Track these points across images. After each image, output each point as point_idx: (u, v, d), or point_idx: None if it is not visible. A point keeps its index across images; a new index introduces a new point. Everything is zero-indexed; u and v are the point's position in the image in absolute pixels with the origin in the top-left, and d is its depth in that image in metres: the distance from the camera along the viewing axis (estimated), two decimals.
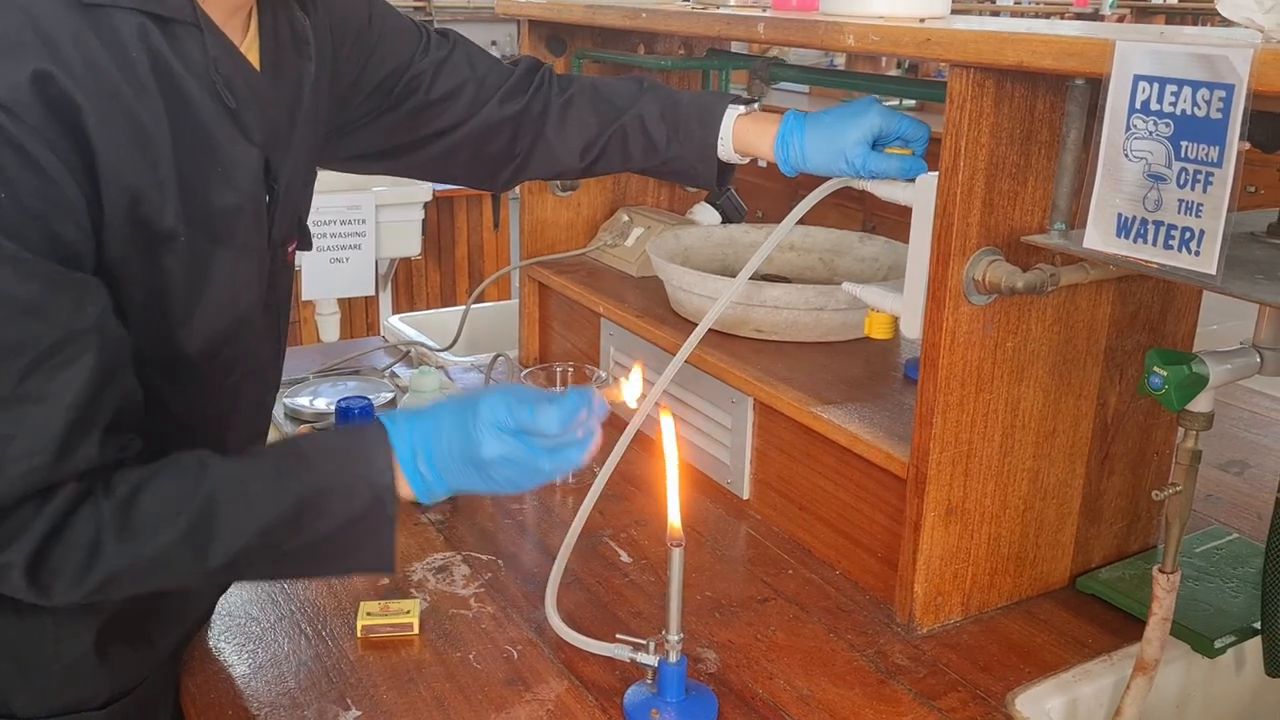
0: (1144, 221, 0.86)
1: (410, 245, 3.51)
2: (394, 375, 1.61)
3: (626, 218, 1.80)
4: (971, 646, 1.14)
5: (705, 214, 1.81)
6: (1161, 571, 1.03)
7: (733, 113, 1.23)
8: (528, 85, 1.26)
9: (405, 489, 0.91)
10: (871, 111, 1.15)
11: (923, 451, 1.10)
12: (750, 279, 1.22)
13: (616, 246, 1.78)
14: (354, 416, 1.33)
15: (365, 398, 1.37)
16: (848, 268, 1.66)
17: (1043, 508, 1.19)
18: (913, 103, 5.09)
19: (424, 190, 3.42)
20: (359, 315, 3.79)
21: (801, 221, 1.24)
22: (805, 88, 5.37)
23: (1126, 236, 0.86)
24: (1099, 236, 0.88)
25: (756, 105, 1.25)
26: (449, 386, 1.56)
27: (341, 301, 3.54)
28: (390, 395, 1.48)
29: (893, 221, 2.34)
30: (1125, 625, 1.17)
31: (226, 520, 0.85)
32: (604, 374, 1.48)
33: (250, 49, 0.94)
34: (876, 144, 1.15)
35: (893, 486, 1.18)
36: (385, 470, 0.89)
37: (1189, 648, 1.13)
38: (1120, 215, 0.86)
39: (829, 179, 1.18)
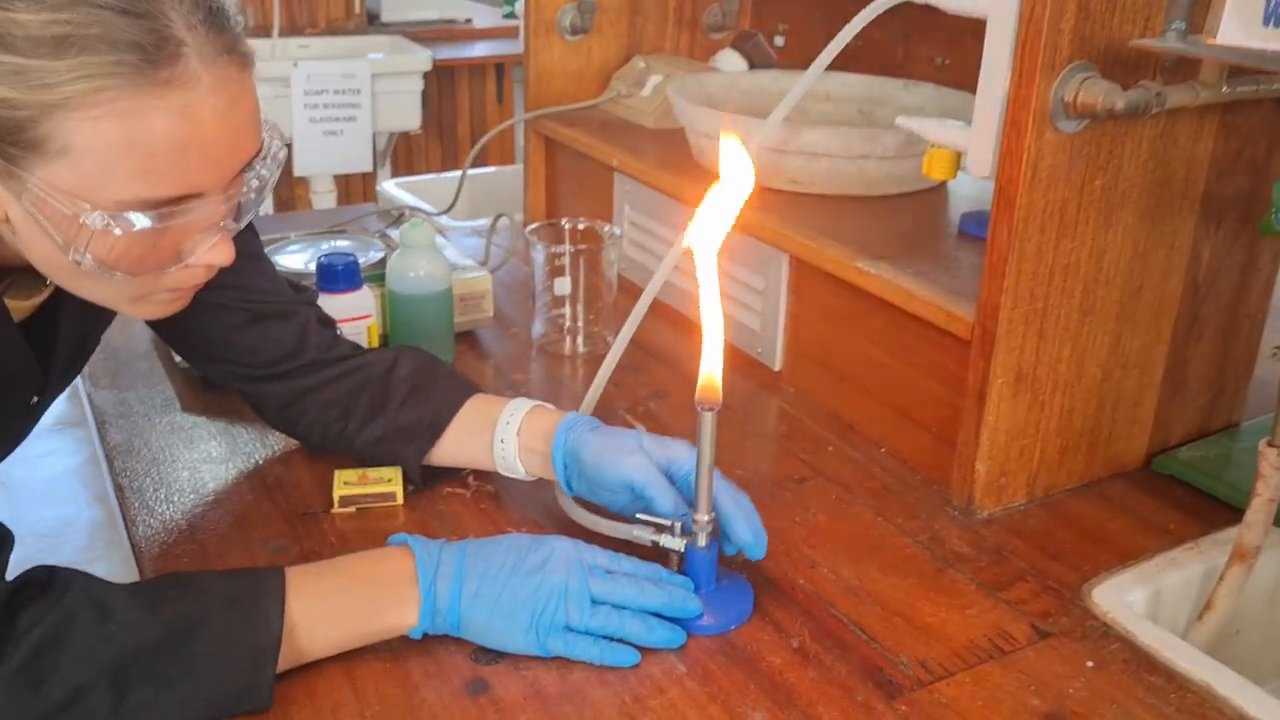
0: None
1: (409, 118, 3.32)
2: (385, 235, 1.45)
3: (643, 65, 1.62)
4: (1039, 532, 1.00)
5: (730, 61, 1.63)
6: (1271, 446, 0.89)
7: (526, 404, 0.99)
8: None
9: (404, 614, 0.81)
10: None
11: (991, 308, 0.95)
12: (785, 121, 1.06)
13: (631, 97, 1.61)
14: (337, 274, 1.18)
15: (350, 254, 1.21)
16: (890, 120, 1.48)
17: (1122, 377, 1.04)
18: None
19: (423, 59, 3.22)
20: (356, 195, 3.61)
21: (839, 67, 1.06)
22: None
23: (1279, 25, 0.69)
24: (1239, 29, 0.71)
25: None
26: (447, 247, 1.41)
27: (338, 179, 3.37)
28: (380, 254, 1.32)
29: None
30: (1209, 509, 1.03)
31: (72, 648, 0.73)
32: (618, 231, 1.32)
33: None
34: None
35: (952, 351, 1.03)
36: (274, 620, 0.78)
37: None
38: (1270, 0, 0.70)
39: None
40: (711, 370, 0.79)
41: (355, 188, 3.58)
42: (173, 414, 1.16)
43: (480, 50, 3.54)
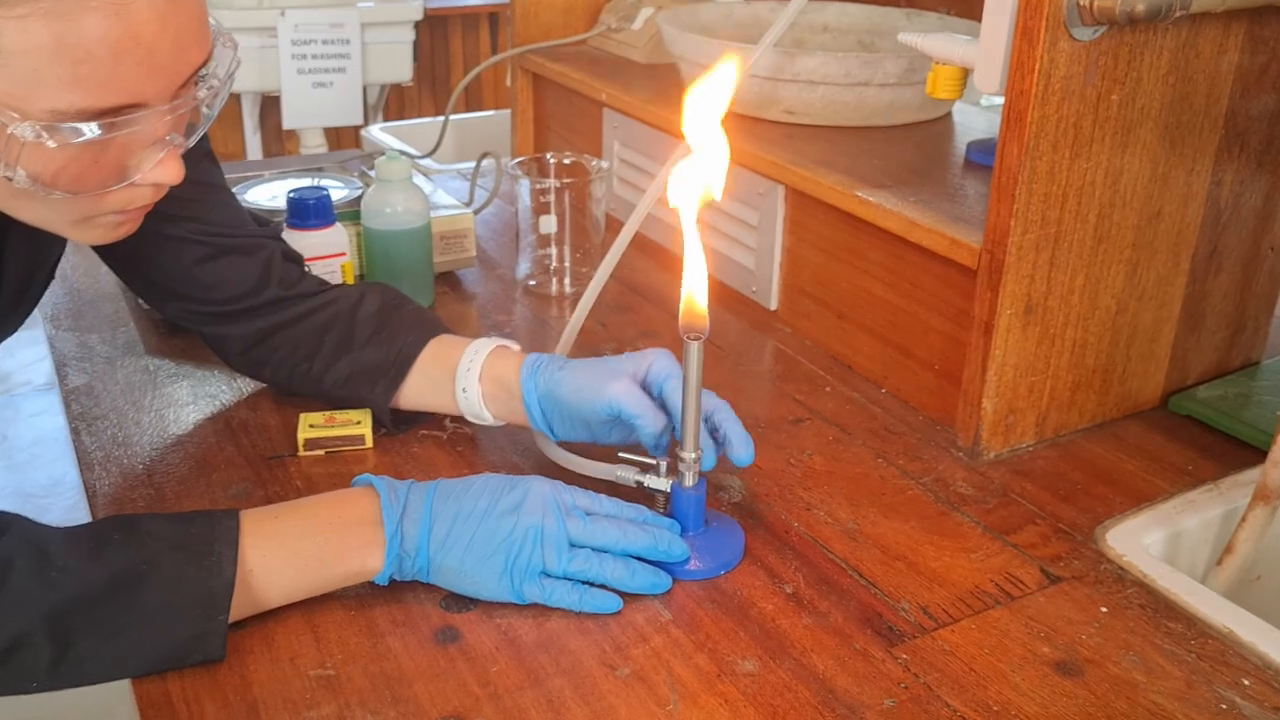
0: None
1: (401, 70, 3.24)
2: (363, 174, 1.39)
3: None
4: (1049, 473, 0.94)
5: None
6: None
7: (485, 345, 0.93)
8: None
9: (368, 558, 0.75)
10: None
11: (1000, 233, 0.89)
12: (779, 48, 0.99)
13: (622, 31, 1.54)
14: (308, 209, 1.11)
15: (322, 188, 1.15)
16: (892, 51, 1.42)
17: (1138, 310, 0.98)
18: None
19: (414, 7, 3.13)
20: (349, 148, 3.54)
21: None
22: None
23: None
24: None
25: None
26: (434, 191, 1.34)
27: (329, 132, 3.29)
28: (358, 192, 1.26)
29: None
30: (1228, 450, 0.98)
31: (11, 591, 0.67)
32: (605, 164, 1.26)
33: None
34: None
35: (957, 283, 0.97)
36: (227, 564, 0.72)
37: None
38: None
39: None
40: (692, 293, 0.73)
41: (347, 140, 3.51)
42: (137, 356, 1.10)
43: None
